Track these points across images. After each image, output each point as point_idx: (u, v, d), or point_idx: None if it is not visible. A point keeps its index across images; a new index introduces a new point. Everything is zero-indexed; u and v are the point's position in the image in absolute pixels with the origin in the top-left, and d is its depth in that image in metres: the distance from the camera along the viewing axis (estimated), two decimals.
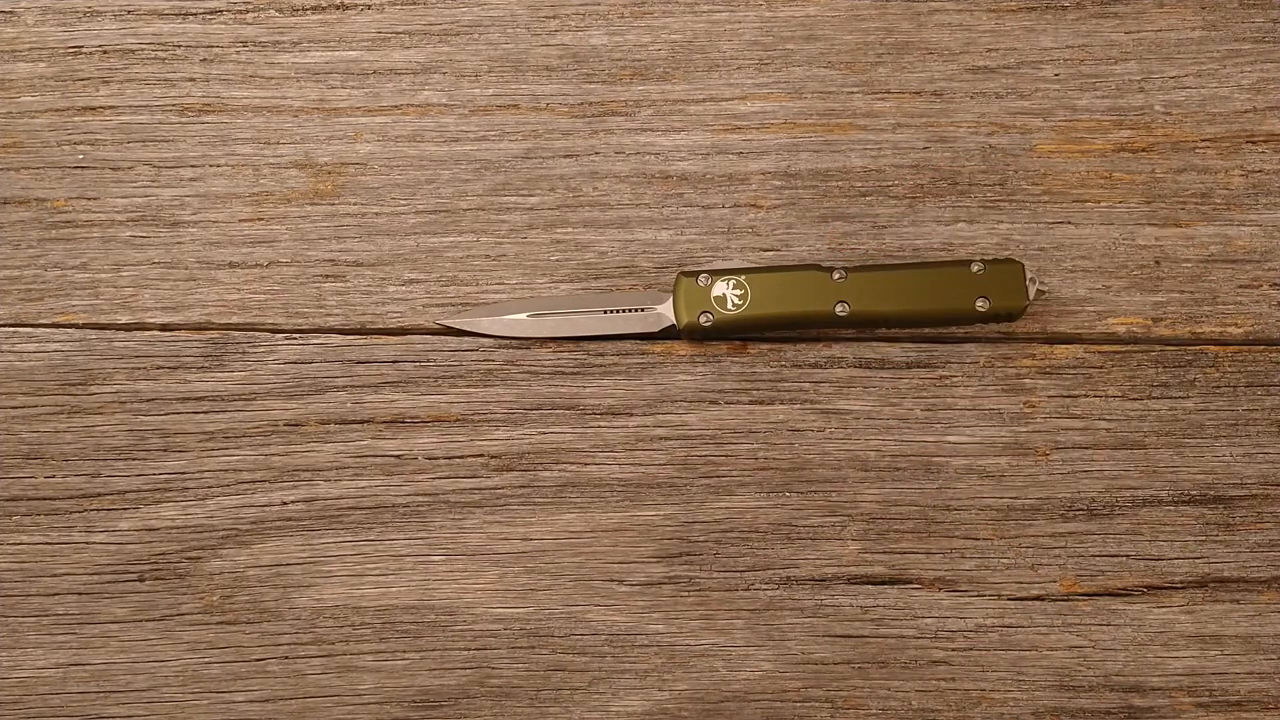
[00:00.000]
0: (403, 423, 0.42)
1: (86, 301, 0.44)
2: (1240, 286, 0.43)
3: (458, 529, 0.41)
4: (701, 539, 0.41)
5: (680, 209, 0.44)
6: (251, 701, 0.40)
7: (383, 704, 0.40)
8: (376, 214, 0.44)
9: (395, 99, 0.46)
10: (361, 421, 0.42)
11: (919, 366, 0.42)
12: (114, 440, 0.42)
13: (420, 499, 0.41)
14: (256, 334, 0.43)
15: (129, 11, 0.47)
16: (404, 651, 0.40)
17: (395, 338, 0.43)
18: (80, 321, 0.43)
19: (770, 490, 0.41)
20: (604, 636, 0.40)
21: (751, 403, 0.42)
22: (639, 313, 0.42)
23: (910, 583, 0.40)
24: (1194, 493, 0.41)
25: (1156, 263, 0.43)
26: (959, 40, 0.46)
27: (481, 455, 0.42)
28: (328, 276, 0.44)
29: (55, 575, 0.41)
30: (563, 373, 0.43)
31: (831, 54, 0.46)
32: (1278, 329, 0.43)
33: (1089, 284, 0.43)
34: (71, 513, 0.41)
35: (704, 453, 0.42)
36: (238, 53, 0.46)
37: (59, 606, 0.41)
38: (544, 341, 0.43)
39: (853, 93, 0.46)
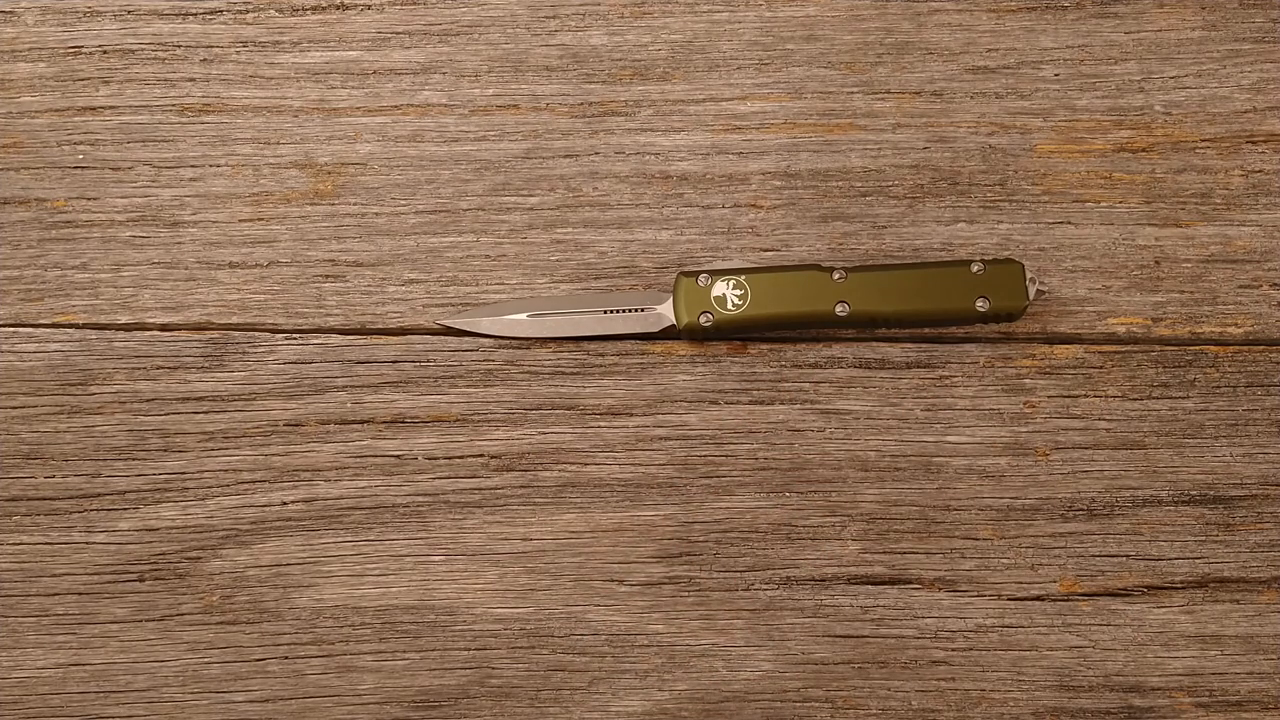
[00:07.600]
0: (403, 423, 0.42)
1: (86, 301, 0.44)
2: (1240, 286, 0.43)
3: (458, 529, 0.41)
4: (701, 539, 0.41)
5: (680, 209, 0.44)
6: (251, 701, 0.40)
7: (383, 704, 0.40)
8: (376, 214, 0.44)
9: (395, 99, 0.46)
10: (361, 421, 0.42)
11: (919, 366, 0.42)
12: (114, 440, 0.42)
13: (420, 499, 0.41)
14: (256, 334, 0.43)
15: (129, 11, 0.47)
16: (404, 651, 0.40)
17: (395, 338, 0.43)
18: (80, 321, 0.43)
19: (770, 490, 0.41)
20: (604, 636, 0.40)
21: (751, 403, 0.42)
22: (639, 313, 0.42)
23: (910, 583, 0.40)
24: (1194, 493, 0.41)
25: (1156, 263, 0.43)
26: (959, 40, 0.46)
27: (481, 455, 0.42)
28: (328, 276, 0.44)
29: (55, 575, 0.41)
30: (563, 373, 0.43)
31: (831, 54, 0.46)
32: (1278, 329, 0.43)
33: (1089, 284, 0.43)
34: (71, 513, 0.41)
35: (704, 453, 0.42)
36: (238, 53, 0.46)
37: (59, 606, 0.41)
38: (544, 341, 0.43)
39: (853, 93, 0.46)
